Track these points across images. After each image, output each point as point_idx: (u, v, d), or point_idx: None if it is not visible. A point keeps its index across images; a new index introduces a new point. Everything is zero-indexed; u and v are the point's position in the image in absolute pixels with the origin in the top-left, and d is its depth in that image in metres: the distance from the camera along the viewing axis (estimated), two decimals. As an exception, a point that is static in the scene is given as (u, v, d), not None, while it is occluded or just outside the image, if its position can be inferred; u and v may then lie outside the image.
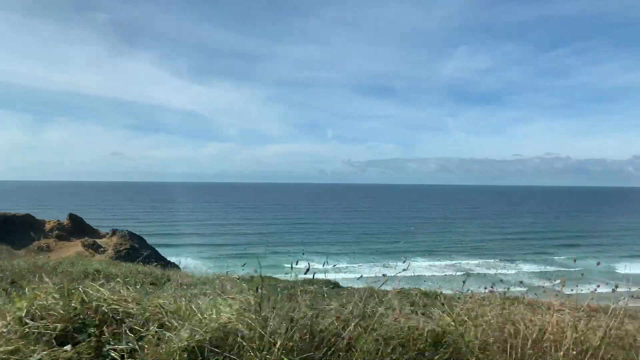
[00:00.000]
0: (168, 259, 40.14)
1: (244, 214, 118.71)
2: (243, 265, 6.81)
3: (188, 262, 52.11)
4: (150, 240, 68.91)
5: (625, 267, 58.64)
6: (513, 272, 54.63)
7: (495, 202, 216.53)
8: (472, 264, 58.49)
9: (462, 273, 54.54)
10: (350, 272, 52.03)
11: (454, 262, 59.23)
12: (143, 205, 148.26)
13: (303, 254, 60.29)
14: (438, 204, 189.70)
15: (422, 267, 55.18)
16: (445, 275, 52.61)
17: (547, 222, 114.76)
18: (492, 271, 54.36)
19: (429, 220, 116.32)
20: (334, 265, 54.31)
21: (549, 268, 57.18)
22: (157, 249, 57.69)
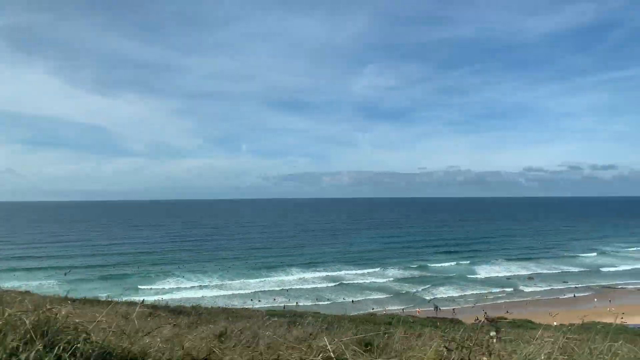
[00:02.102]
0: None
1: (131, 233, 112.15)
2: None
3: (43, 284, 47.67)
4: (5, 264, 62.29)
5: (484, 271, 63.43)
6: (382, 280, 56.44)
7: (395, 213, 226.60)
8: (345, 273, 59.62)
9: (336, 284, 55.36)
10: (219, 289, 50.57)
11: (329, 272, 60.00)
12: (19, 227, 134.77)
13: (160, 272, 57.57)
14: (339, 217, 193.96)
15: (294, 280, 55.20)
16: (316, 287, 53.07)
17: (432, 230, 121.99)
18: (360, 280, 55.73)
19: (323, 232, 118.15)
20: (188, 287, 52.54)
21: (415, 273, 60.08)
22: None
